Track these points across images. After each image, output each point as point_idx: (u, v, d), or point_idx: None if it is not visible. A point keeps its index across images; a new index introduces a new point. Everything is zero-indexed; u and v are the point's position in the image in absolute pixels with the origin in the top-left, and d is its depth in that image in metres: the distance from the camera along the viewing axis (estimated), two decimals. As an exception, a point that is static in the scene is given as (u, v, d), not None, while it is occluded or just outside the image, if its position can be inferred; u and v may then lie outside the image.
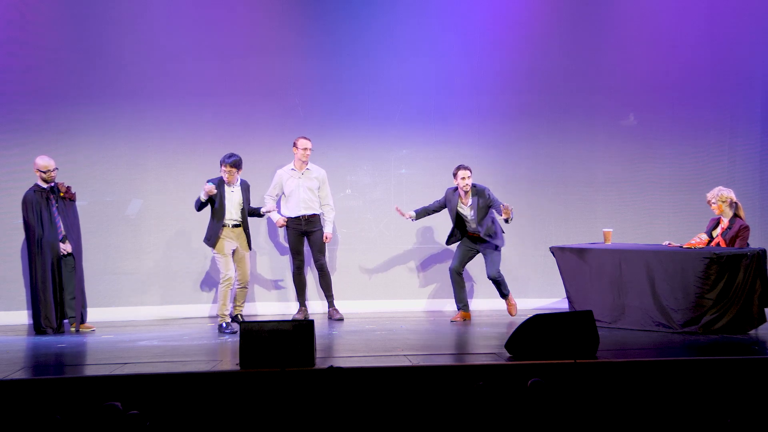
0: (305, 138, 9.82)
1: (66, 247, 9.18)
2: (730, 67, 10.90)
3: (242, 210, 9.30)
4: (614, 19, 10.86)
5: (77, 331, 9.16)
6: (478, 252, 9.53)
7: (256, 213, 9.51)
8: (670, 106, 10.89)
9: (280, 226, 9.97)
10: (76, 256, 9.26)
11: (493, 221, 9.52)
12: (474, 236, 9.49)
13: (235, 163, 9.19)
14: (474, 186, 9.43)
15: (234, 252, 9.27)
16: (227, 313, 9.22)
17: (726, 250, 8.54)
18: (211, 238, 9.23)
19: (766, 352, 7.70)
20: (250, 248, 9.45)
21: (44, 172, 9.15)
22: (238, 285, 9.40)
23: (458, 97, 10.65)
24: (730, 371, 6.67)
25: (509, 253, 9.76)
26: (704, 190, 9.26)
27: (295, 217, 9.81)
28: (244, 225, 9.33)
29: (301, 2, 10.54)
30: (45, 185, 9.18)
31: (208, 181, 9.19)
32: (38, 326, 9.05)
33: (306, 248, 9.92)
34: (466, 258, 9.57)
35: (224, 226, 9.18)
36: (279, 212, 9.93)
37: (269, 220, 10.18)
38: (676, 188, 10.83)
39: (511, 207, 9.13)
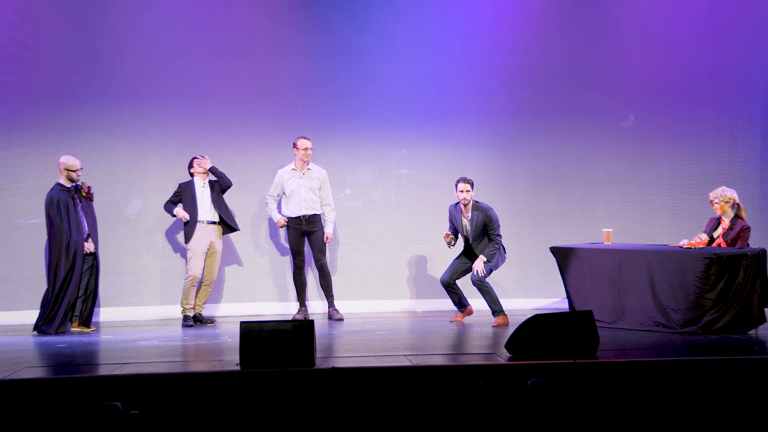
0: (305, 138, 9.82)
1: (89, 246, 9.17)
2: (730, 67, 10.91)
3: (214, 204, 9.55)
4: (614, 20, 10.86)
5: (92, 330, 9.17)
6: (471, 267, 9.44)
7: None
8: (670, 106, 10.90)
9: (281, 226, 9.98)
10: (96, 255, 9.27)
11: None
12: (472, 250, 9.43)
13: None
14: (477, 203, 9.35)
15: (208, 248, 9.54)
16: (189, 306, 9.51)
17: (726, 250, 8.53)
18: (187, 235, 9.56)
19: (766, 352, 7.70)
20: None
21: (73, 171, 9.14)
22: (203, 282, 9.60)
23: (458, 97, 10.65)
24: (730, 371, 6.66)
25: (509, 253, 9.73)
26: (704, 190, 9.26)
27: (296, 217, 9.81)
28: (222, 222, 9.59)
29: (301, 2, 10.54)
30: (69, 184, 9.17)
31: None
32: (39, 326, 9.03)
33: (306, 248, 9.92)
34: (457, 271, 9.46)
35: (198, 222, 9.48)
36: (280, 212, 9.95)
37: (270, 220, 10.20)
38: (676, 188, 10.84)
39: (482, 270, 9.17)
